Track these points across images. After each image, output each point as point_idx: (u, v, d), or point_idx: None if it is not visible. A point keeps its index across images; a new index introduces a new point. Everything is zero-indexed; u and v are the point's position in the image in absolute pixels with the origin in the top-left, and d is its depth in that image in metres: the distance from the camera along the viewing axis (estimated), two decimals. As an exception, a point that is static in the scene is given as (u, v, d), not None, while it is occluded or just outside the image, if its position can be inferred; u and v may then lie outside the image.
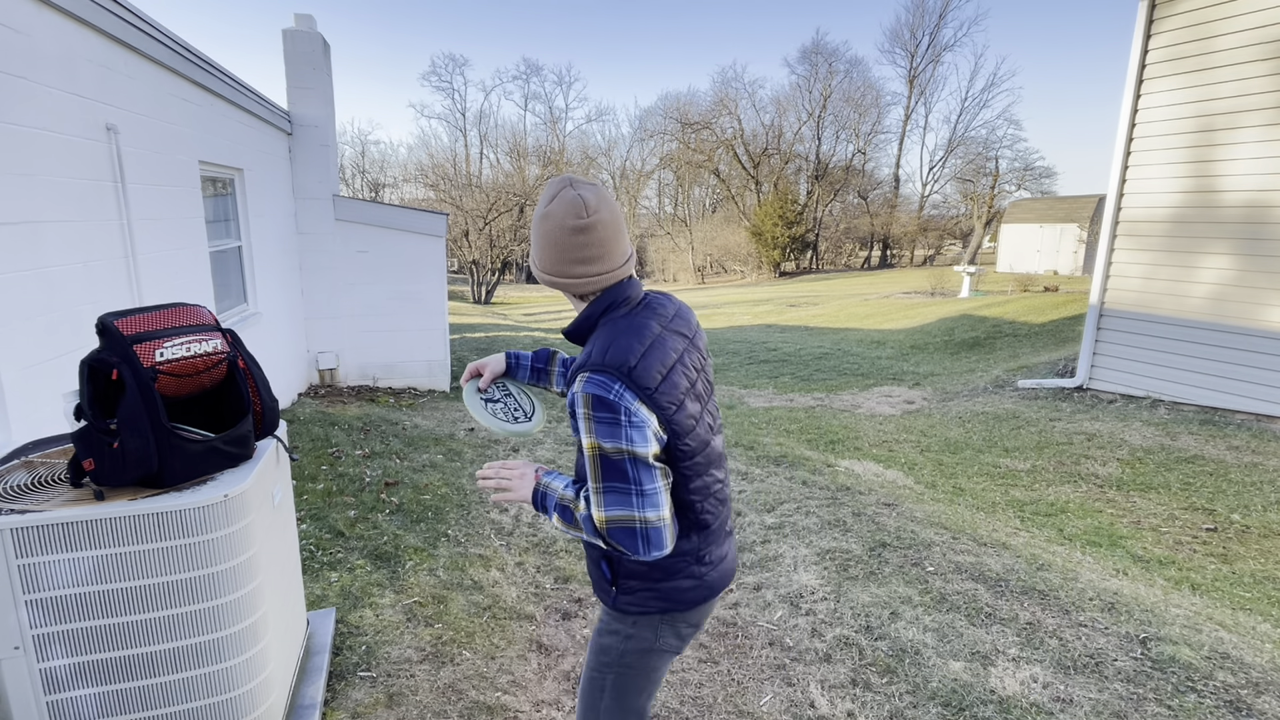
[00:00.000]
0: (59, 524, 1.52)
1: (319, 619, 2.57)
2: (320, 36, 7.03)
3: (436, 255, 7.64)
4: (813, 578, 3.22)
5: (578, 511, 1.32)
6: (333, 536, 3.45)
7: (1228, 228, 6.38)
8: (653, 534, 1.26)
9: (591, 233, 1.31)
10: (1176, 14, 6.50)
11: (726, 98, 43.65)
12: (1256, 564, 3.78)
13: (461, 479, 4.56)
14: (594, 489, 1.27)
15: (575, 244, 1.31)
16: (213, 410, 1.82)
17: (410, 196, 37.96)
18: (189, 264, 4.48)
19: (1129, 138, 6.93)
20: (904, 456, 5.77)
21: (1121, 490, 4.88)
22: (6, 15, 2.67)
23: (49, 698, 1.60)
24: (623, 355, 1.26)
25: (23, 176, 2.75)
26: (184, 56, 4.31)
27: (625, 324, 1.34)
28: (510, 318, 19.18)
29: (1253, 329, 6.25)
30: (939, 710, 2.30)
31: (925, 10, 45.54)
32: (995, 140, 41.94)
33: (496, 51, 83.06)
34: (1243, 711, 2.29)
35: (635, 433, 1.23)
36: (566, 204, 1.31)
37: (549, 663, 2.63)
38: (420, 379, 7.80)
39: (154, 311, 1.68)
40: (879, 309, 17.11)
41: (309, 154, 7.03)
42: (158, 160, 4.02)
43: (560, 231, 1.32)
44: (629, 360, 1.26)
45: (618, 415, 1.22)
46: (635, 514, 1.25)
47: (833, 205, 44.45)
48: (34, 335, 2.78)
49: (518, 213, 28.73)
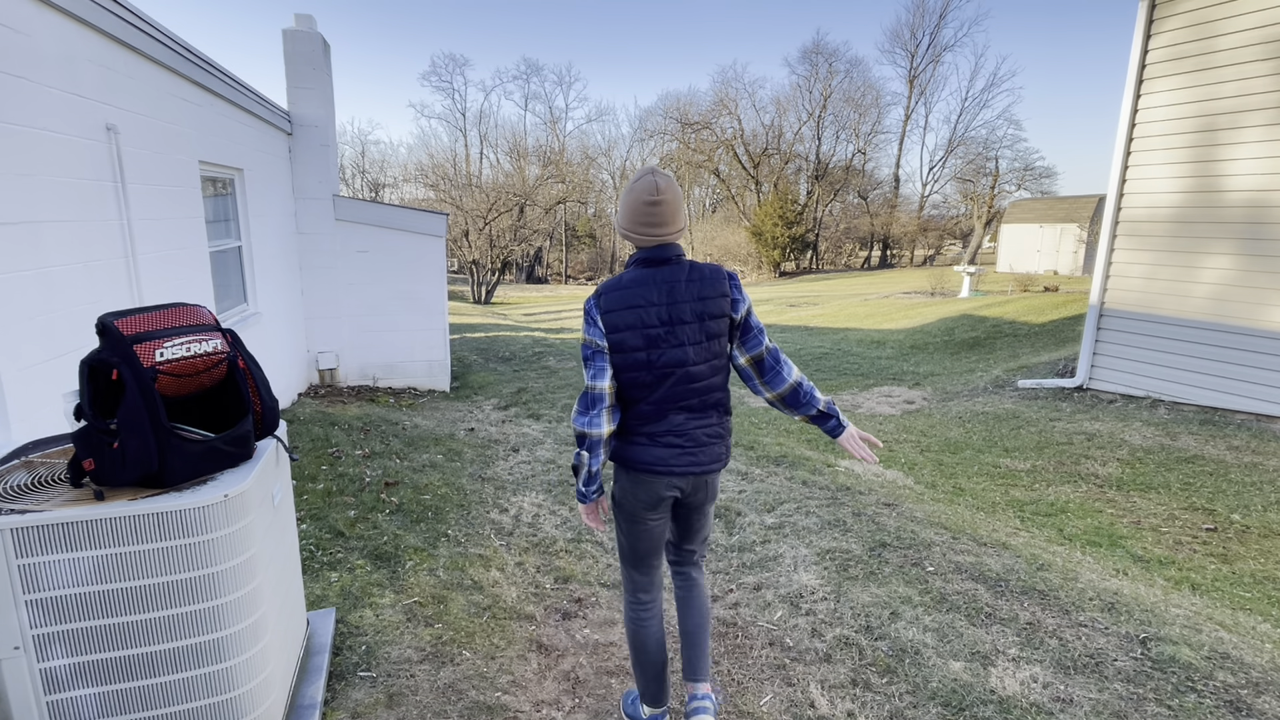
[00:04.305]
0: (59, 524, 1.52)
1: (319, 619, 2.57)
2: (320, 36, 7.03)
3: (436, 255, 7.64)
4: (813, 578, 3.21)
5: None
6: (333, 536, 3.45)
7: (1229, 227, 6.37)
8: (592, 397, 1.94)
9: (657, 206, 1.91)
10: (1177, 14, 6.49)
11: (726, 98, 43.66)
12: (1256, 564, 3.78)
13: (461, 479, 4.56)
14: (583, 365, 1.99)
15: (645, 213, 1.91)
16: (213, 410, 1.82)
17: (410, 196, 37.96)
18: (189, 264, 4.48)
19: (1129, 137, 6.93)
20: (904, 456, 5.77)
21: (1121, 490, 4.88)
22: (6, 15, 2.67)
23: (49, 698, 1.60)
24: (606, 285, 1.97)
25: (23, 176, 2.75)
26: (184, 56, 4.31)
27: (633, 272, 1.96)
28: (510, 318, 19.18)
29: (1253, 329, 6.24)
30: (939, 710, 2.30)
31: (926, 10, 45.65)
32: (995, 140, 41.97)
33: (496, 51, 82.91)
34: (1243, 711, 2.29)
35: (593, 329, 1.95)
36: (646, 186, 1.92)
37: (549, 663, 2.63)
38: (420, 379, 7.80)
39: (154, 311, 1.68)
40: (879, 309, 17.11)
41: (309, 154, 7.03)
42: (158, 160, 4.02)
43: (638, 203, 1.92)
44: (606, 290, 1.95)
45: (587, 317, 1.97)
46: (586, 381, 1.96)
47: (833, 205, 44.45)
48: (34, 335, 2.78)
49: (518, 213, 28.72)
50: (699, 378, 1.96)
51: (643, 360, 1.92)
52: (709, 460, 2.03)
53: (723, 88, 45.59)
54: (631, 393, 1.96)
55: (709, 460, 2.03)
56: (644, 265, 1.95)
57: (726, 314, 1.95)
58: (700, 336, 1.94)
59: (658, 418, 1.97)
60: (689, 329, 1.92)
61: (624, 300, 1.92)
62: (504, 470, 4.86)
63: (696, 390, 1.97)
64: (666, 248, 1.95)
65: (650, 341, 1.91)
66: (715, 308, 1.94)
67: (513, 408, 6.97)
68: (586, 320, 1.96)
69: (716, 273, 1.96)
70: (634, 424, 1.99)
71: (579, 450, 1.98)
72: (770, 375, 2.04)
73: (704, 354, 1.95)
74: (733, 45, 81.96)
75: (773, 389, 2.04)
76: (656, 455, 1.98)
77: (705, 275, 1.94)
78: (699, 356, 1.94)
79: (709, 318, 1.93)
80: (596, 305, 1.94)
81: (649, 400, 1.95)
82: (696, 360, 1.94)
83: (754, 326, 2.01)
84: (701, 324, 1.93)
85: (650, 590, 2.18)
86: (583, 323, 1.98)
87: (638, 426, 1.99)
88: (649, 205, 1.91)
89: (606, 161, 47.35)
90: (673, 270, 1.93)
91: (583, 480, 2.00)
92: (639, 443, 1.99)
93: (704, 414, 2.01)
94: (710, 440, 2.03)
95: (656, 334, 1.91)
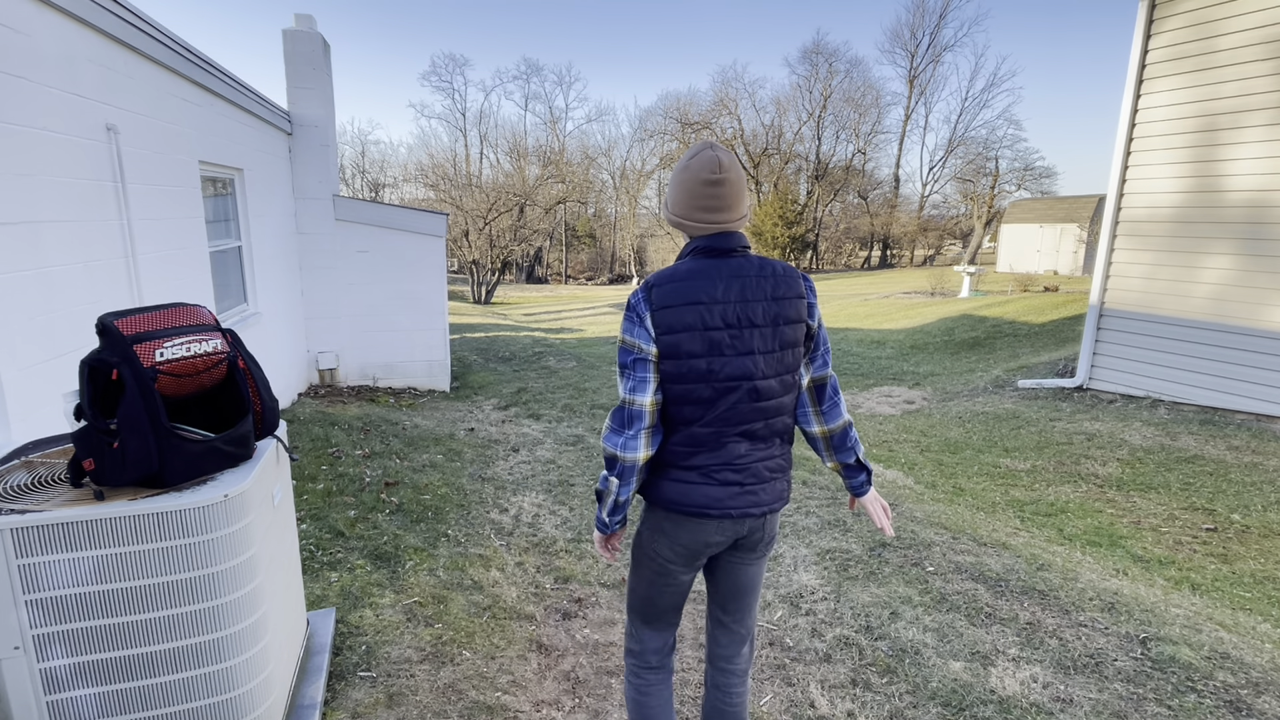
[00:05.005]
0: (59, 524, 1.52)
1: (319, 619, 2.57)
2: (320, 36, 7.03)
3: (436, 255, 7.64)
4: (813, 578, 3.22)
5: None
6: (333, 536, 3.45)
7: (1229, 227, 6.37)
8: (630, 413, 1.58)
9: (720, 187, 1.58)
10: (1177, 14, 6.49)
11: (726, 98, 43.65)
12: (1256, 564, 3.78)
13: (461, 479, 4.56)
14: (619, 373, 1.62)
15: (705, 194, 1.59)
16: (213, 410, 1.82)
17: (410, 196, 37.97)
18: (189, 264, 4.48)
19: (1129, 137, 6.92)
20: (904, 456, 5.77)
21: (1121, 490, 4.88)
22: (6, 15, 2.67)
23: (49, 698, 1.60)
24: (658, 276, 1.61)
25: (23, 176, 2.75)
26: (184, 56, 4.31)
27: (691, 262, 1.62)
28: (510, 318, 19.18)
29: (1254, 329, 6.24)
30: (939, 710, 2.30)
31: (926, 10, 45.65)
32: (995, 140, 41.97)
33: (496, 51, 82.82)
34: (1243, 711, 2.29)
35: (639, 330, 1.58)
36: (705, 161, 1.59)
37: (549, 663, 2.63)
38: (420, 379, 7.80)
39: (154, 311, 1.68)
40: (879, 309, 17.11)
41: (309, 154, 7.03)
42: (158, 160, 4.01)
43: (695, 182, 1.59)
44: (659, 282, 1.59)
45: (631, 314, 1.60)
46: (622, 394, 1.60)
47: (833, 205, 44.44)
48: (34, 335, 2.78)
49: (518, 213, 28.71)
50: (767, 395, 1.61)
51: (702, 369, 1.56)
52: (771, 499, 1.67)
53: (723, 88, 45.64)
54: (683, 410, 1.59)
55: (771, 499, 1.67)
56: (705, 255, 1.61)
57: (804, 319, 1.63)
58: (773, 344, 1.60)
59: (714, 445, 1.60)
60: (760, 334, 1.59)
61: (682, 294, 1.56)
62: (504, 470, 4.86)
63: (763, 411, 1.62)
64: (730, 236, 1.62)
65: (712, 346, 1.56)
66: (793, 311, 1.61)
67: (513, 408, 6.97)
68: (631, 318, 1.59)
69: (790, 271, 1.64)
70: (681, 452, 1.61)
71: (606, 474, 1.63)
72: (829, 406, 1.73)
73: (775, 366, 1.61)
74: (733, 45, 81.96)
75: (828, 422, 1.73)
76: (711, 496, 1.61)
77: (779, 272, 1.62)
78: (770, 369, 1.60)
79: (785, 322, 1.60)
80: (646, 299, 1.57)
81: (704, 421, 1.59)
82: (766, 373, 1.60)
83: (824, 343, 1.69)
84: (776, 329, 1.59)
85: (663, 653, 1.82)
86: (623, 322, 1.61)
87: (686, 456, 1.61)
88: (710, 185, 1.58)
89: (606, 161, 47.33)
90: (740, 263, 1.60)
91: (607, 510, 1.66)
92: (688, 479, 1.61)
93: (768, 443, 1.66)
94: (773, 475, 1.67)
95: (720, 338, 1.56)
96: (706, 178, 1.58)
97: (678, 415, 1.60)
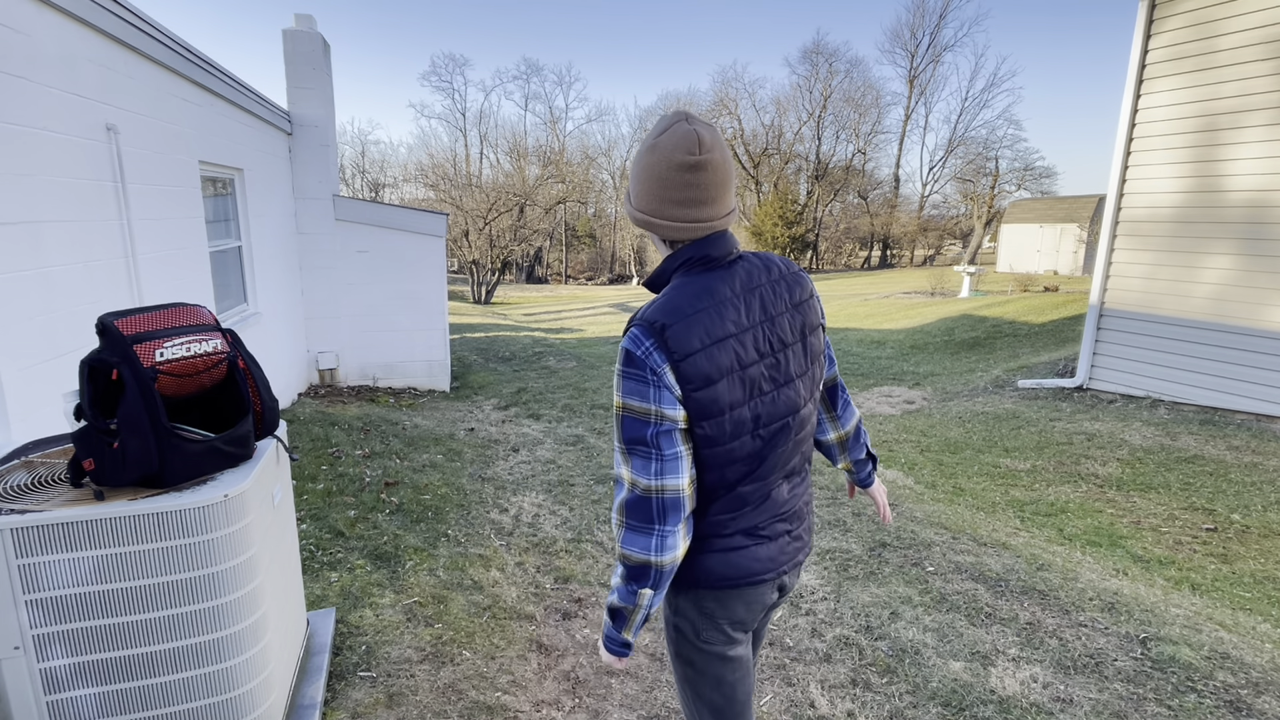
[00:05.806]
0: (59, 524, 1.52)
1: (319, 619, 2.57)
2: (320, 36, 7.04)
3: (436, 255, 7.65)
4: (813, 578, 3.22)
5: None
6: (333, 536, 3.45)
7: (1229, 227, 6.37)
8: (662, 504, 1.18)
9: (700, 172, 1.18)
10: (1177, 14, 6.49)
11: (726, 98, 43.66)
12: (1256, 564, 3.78)
13: (461, 479, 4.56)
14: (618, 450, 1.22)
15: (680, 182, 1.19)
16: (213, 410, 1.82)
17: (410, 196, 37.98)
18: (189, 264, 4.48)
19: (1129, 137, 6.92)
20: (904, 456, 5.77)
21: (1121, 490, 4.88)
22: (6, 15, 2.67)
23: (49, 698, 1.60)
24: (659, 312, 1.18)
25: (23, 176, 2.75)
26: (184, 56, 4.31)
27: (691, 282, 1.23)
28: (510, 318, 19.18)
29: (1254, 329, 6.24)
30: (939, 710, 2.30)
31: (926, 10, 45.69)
32: (995, 140, 42.02)
33: (496, 51, 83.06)
34: (1243, 711, 2.29)
35: (659, 391, 1.16)
36: (679, 137, 1.18)
37: (549, 663, 2.63)
38: (420, 379, 7.80)
39: (154, 311, 1.68)
40: (879, 309, 17.11)
41: (309, 154, 7.03)
42: (158, 160, 4.02)
43: (666, 166, 1.19)
44: (669, 319, 1.17)
45: (644, 373, 1.16)
46: (645, 481, 1.18)
47: (833, 205, 44.45)
48: (34, 335, 2.78)
49: (518, 213, 28.72)
50: (806, 423, 1.33)
51: (746, 420, 1.22)
52: (809, 535, 1.44)
53: (723, 88, 45.65)
54: (725, 473, 1.24)
55: (809, 535, 1.44)
56: (703, 268, 1.25)
57: (821, 322, 1.36)
58: (806, 362, 1.31)
59: (759, 500, 1.29)
60: (794, 354, 1.28)
61: (706, 329, 1.18)
62: (504, 470, 4.86)
63: (800, 443, 1.33)
64: (725, 237, 1.26)
65: (753, 388, 1.23)
66: (814, 316, 1.33)
67: (513, 408, 6.97)
68: (639, 378, 1.17)
69: (793, 267, 1.35)
70: (722, 520, 1.28)
71: (632, 587, 1.22)
72: (842, 407, 1.52)
73: (811, 387, 1.33)
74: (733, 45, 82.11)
75: (842, 425, 1.53)
76: (763, 557, 1.32)
77: (785, 272, 1.31)
78: (808, 392, 1.32)
79: (810, 331, 1.31)
80: (660, 347, 1.16)
81: (752, 478, 1.26)
82: (806, 398, 1.31)
83: (827, 341, 1.43)
84: (804, 343, 1.30)
85: None
86: (624, 383, 1.19)
87: (728, 523, 1.28)
88: (687, 171, 1.18)
89: (606, 161, 47.34)
90: (748, 270, 1.27)
91: (635, 627, 1.26)
92: (733, 545, 1.29)
93: (801, 474, 1.39)
94: (808, 510, 1.43)
95: (757, 373, 1.23)
96: (682, 160, 1.18)
97: (718, 481, 1.25)
